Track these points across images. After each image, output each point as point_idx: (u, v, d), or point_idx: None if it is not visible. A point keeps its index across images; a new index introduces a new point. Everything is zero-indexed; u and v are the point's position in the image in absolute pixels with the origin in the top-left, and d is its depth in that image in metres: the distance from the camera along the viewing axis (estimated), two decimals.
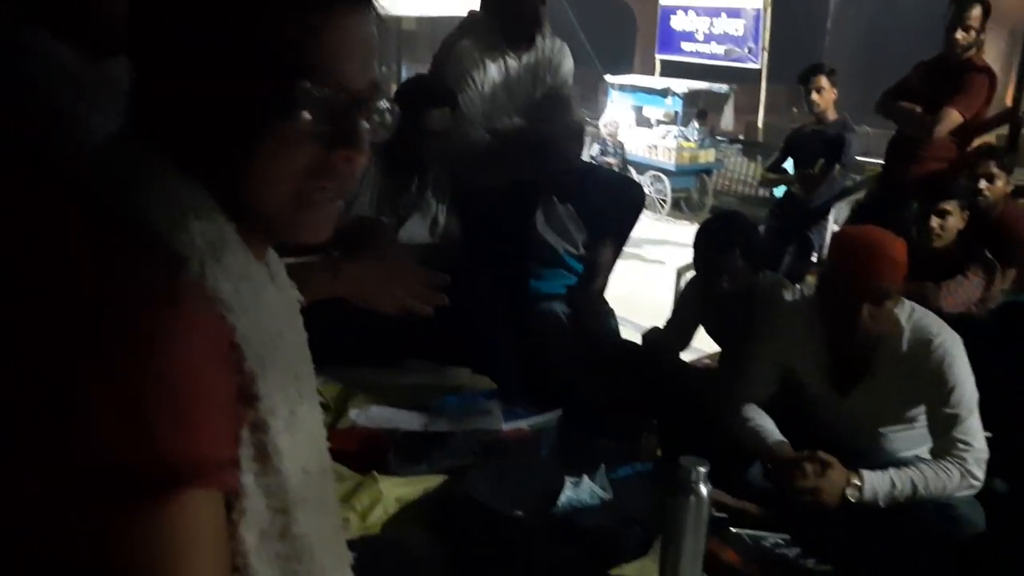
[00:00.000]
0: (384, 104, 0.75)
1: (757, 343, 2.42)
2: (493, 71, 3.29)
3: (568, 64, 3.49)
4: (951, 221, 3.15)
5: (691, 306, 2.86)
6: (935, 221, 3.11)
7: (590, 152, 12.33)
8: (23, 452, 0.53)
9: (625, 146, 13.81)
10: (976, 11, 3.72)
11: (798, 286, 2.74)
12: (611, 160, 12.45)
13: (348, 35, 0.68)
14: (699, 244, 2.61)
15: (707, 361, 3.34)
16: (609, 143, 12.94)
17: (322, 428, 0.81)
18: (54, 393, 0.53)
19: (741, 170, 13.69)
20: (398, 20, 16.89)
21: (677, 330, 2.91)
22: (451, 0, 9.01)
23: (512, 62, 3.31)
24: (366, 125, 0.71)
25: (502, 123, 3.29)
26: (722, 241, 2.55)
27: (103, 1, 1.41)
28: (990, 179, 3.44)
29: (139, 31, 0.68)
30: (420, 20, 15.13)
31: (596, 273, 3.21)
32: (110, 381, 0.54)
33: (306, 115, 0.66)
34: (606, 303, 3.32)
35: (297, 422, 0.71)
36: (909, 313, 2.18)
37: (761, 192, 11.28)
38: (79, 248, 0.59)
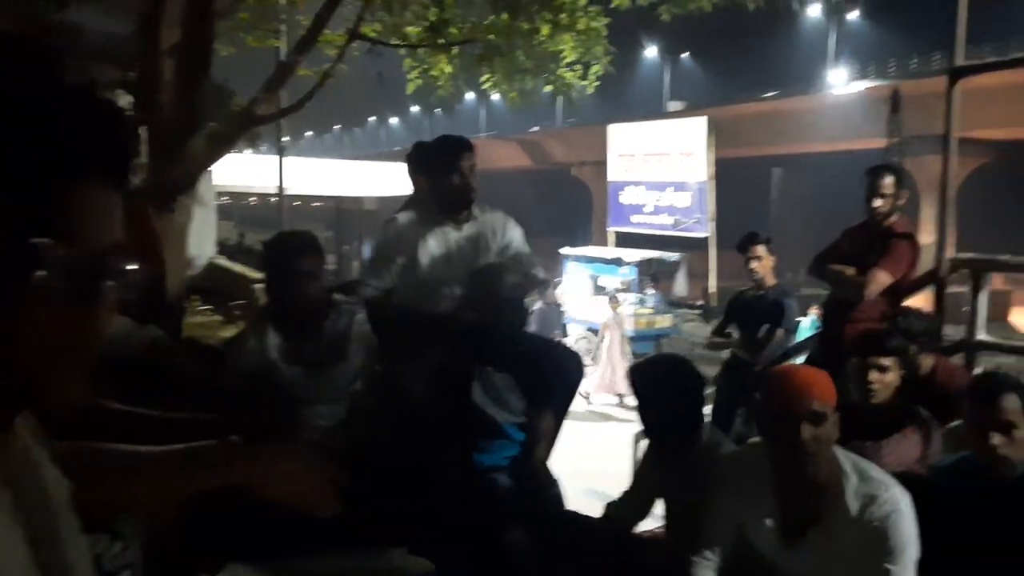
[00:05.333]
0: (125, 263, 0.73)
1: (707, 500, 2.39)
2: (432, 243, 3.40)
3: (511, 236, 3.61)
4: (889, 377, 3.19)
5: (646, 473, 2.81)
6: (874, 375, 3.14)
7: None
8: None
9: (584, 315, 14.08)
10: (888, 180, 3.96)
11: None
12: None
13: (89, 197, 0.68)
14: (639, 387, 2.61)
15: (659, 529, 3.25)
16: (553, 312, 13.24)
17: None
18: None
19: (697, 333, 13.95)
20: (359, 200, 17.57)
21: (632, 499, 2.85)
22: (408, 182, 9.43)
23: (453, 234, 3.43)
24: (109, 284, 0.70)
25: (442, 294, 3.36)
26: (665, 389, 2.57)
27: None
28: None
29: None
30: (382, 199, 15.67)
31: (538, 442, 3.17)
32: None
33: (43, 273, 0.64)
34: (551, 473, 3.26)
35: None
36: (854, 463, 2.19)
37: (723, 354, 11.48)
38: None
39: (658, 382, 2.62)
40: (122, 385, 1.74)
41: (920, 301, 4.38)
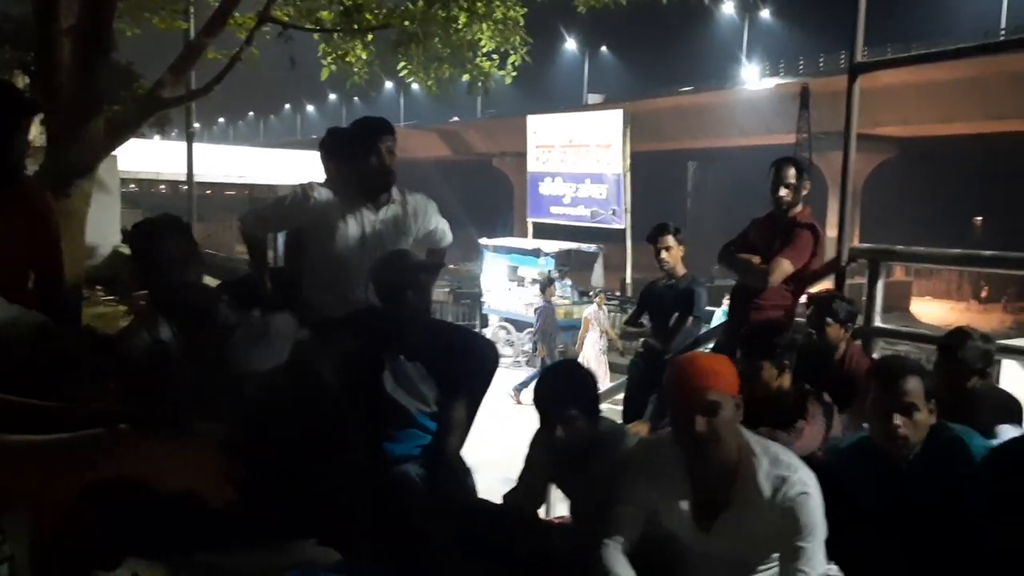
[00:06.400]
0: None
1: (615, 489, 2.41)
2: (348, 225, 3.35)
3: (434, 222, 3.59)
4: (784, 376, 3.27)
5: (539, 461, 2.83)
6: (768, 372, 3.22)
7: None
8: None
9: (502, 305, 14.12)
10: (791, 171, 4.08)
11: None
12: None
13: None
14: (538, 392, 2.62)
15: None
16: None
17: None
18: None
19: (615, 324, 14.15)
20: (274, 188, 17.21)
21: (528, 487, 2.87)
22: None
23: (371, 216, 3.38)
24: None
25: (357, 278, 3.32)
26: (560, 389, 2.58)
27: None
28: (820, 327, 3.62)
29: None
30: (274, 188, 15.38)
31: (450, 432, 3.15)
32: None
33: None
34: (463, 462, 3.25)
35: None
36: (765, 447, 2.24)
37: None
38: None
39: (551, 387, 2.63)
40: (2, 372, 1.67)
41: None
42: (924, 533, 2.33)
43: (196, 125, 13.57)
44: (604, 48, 57.46)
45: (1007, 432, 2.83)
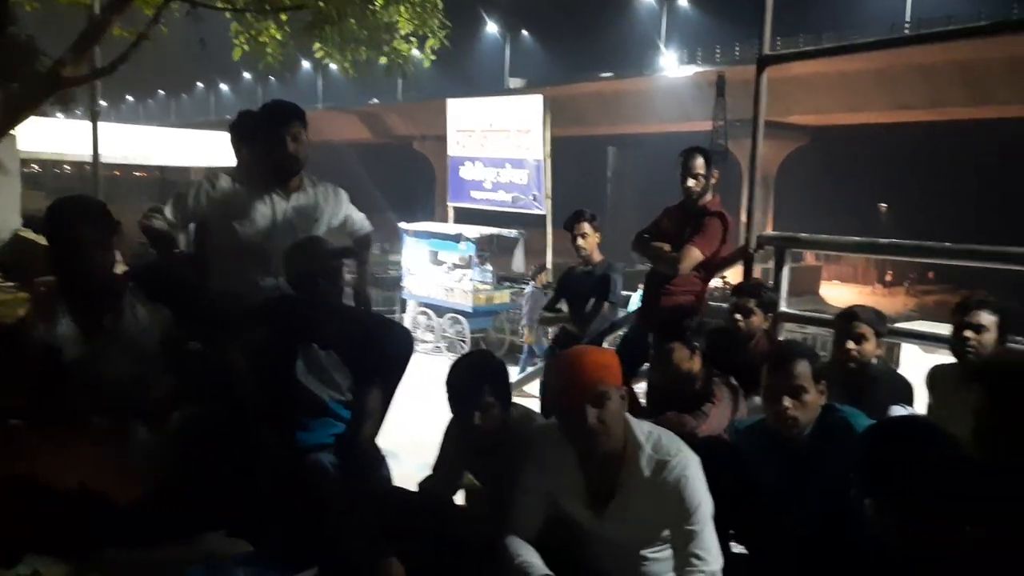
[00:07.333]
0: None
1: (519, 476, 2.46)
2: (257, 212, 3.30)
3: (346, 211, 3.56)
4: (694, 360, 3.36)
5: (452, 448, 2.85)
6: (679, 355, 3.31)
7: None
8: None
9: (422, 290, 14.08)
10: (699, 161, 4.18)
11: None
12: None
13: None
14: (450, 382, 2.64)
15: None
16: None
17: None
18: None
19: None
20: (186, 171, 16.71)
21: (442, 474, 2.89)
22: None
23: (280, 203, 3.34)
24: None
25: (265, 267, 3.27)
26: (472, 378, 2.60)
27: None
28: (746, 314, 3.73)
29: None
30: (210, 170, 14.94)
31: (364, 420, 3.14)
32: None
33: None
34: (378, 450, 3.24)
35: None
36: (648, 433, 2.31)
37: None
38: None
39: (463, 376, 2.64)
40: None
41: (733, 276, 4.66)
42: (817, 510, 2.45)
43: (103, 103, 13.05)
44: (525, 32, 57.49)
45: (897, 413, 2.99)
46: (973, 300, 3.11)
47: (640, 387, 3.88)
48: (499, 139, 14.98)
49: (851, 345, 3.31)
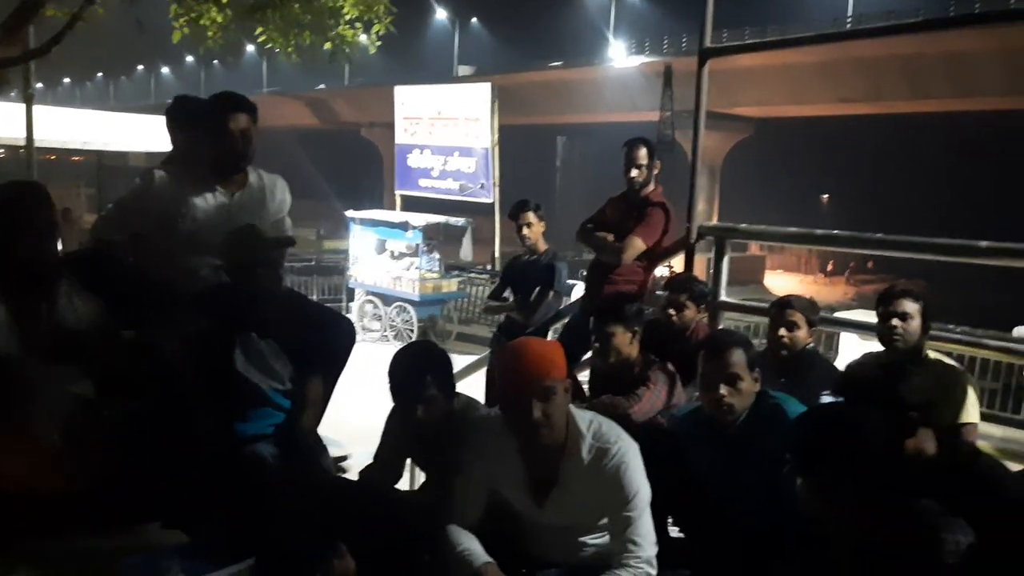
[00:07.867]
0: None
1: (461, 465, 2.47)
2: (198, 206, 3.23)
3: (279, 198, 3.51)
4: (628, 340, 3.41)
5: (394, 437, 2.85)
6: (618, 338, 3.36)
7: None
8: None
9: (369, 278, 13.96)
10: (642, 151, 4.23)
11: None
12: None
13: None
14: (393, 373, 2.63)
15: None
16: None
17: None
18: None
19: (484, 297, 14.26)
20: (125, 155, 16.31)
21: (384, 463, 2.89)
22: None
23: (222, 198, 3.27)
24: None
25: (205, 260, 3.22)
26: (415, 369, 2.60)
27: None
28: (679, 308, 3.79)
29: None
30: (150, 155, 14.61)
31: (304, 410, 3.12)
32: None
33: None
34: (319, 440, 3.23)
35: None
36: (589, 423, 2.34)
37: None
38: None
39: (407, 366, 2.64)
40: None
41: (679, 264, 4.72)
42: (751, 493, 2.51)
43: (38, 86, 12.67)
44: (475, 20, 57.24)
45: (826, 400, 3.07)
46: (896, 289, 3.21)
47: (583, 375, 3.94)
48: (447, 127, 14.93)
49: (784, 332, 3.40)
